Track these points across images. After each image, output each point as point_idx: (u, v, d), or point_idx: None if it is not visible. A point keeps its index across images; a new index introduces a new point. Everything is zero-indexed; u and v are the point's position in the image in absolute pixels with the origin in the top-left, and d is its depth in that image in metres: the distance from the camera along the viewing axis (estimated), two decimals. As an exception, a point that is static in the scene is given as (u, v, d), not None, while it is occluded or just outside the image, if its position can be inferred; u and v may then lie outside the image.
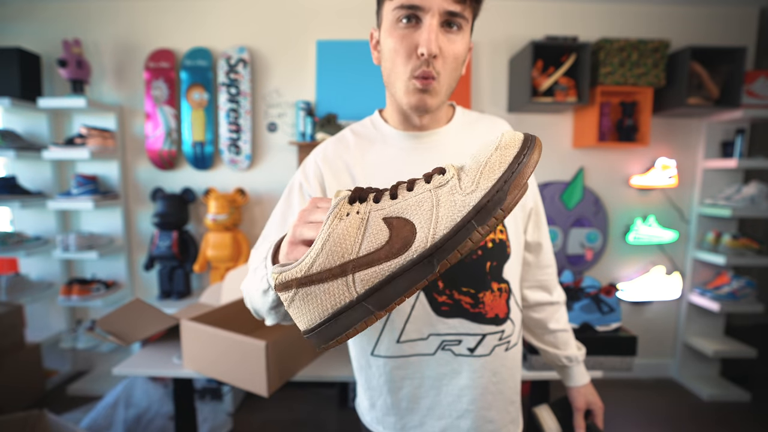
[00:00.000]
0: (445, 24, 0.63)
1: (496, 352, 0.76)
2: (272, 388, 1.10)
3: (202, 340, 1.17)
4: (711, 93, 2.31)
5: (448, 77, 0.66)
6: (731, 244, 2.38)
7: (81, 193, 2.31)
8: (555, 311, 0.91)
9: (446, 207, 0.41)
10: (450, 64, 0.64)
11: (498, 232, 0.74)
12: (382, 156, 0.75)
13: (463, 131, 0.77)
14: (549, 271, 0.89)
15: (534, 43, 2.22)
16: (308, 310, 0.44)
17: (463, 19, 0.63)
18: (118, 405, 2.01)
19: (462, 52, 0.66)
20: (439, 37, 0.62)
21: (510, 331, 0.78)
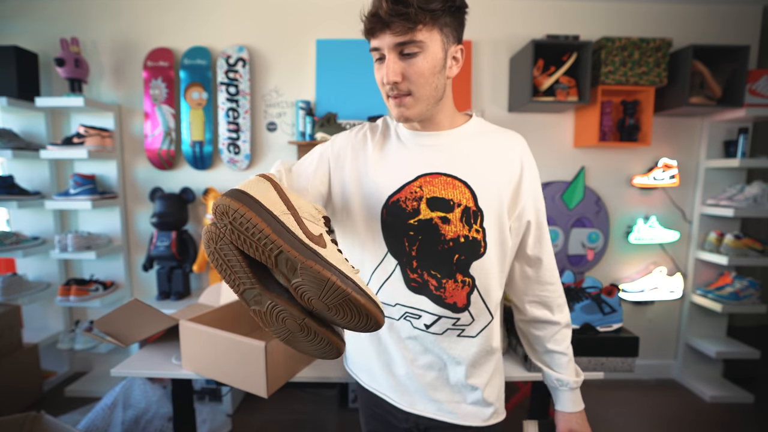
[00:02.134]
0: (401, 54, 0.73)
1: (448, 335, 0.85)
2: (272, 389, 1.09)
3: (201, 340, 1.15)
4: (713, 92, 2.29)
5: (421, 90, 0.76)
6: (734, 245, 2.36)
7: (79, 193, 2.29)
8: (555, 332, 0.92)
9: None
10: (417, 81, 0.75)
11: (474, 231, 0.81)
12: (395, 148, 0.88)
13: (468, 139, 0.85)
14: (550, 288, 0.90)
15: (535, 42, 2.21)
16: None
17: (416, 44, 0.72)
18: (117, 406, 1.99)
19: (426, 68, 0.74)
20: (398, 65, 0.74)
21: (466, 321, 0.85)
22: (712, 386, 2.53)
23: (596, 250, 2.63)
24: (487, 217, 0.81)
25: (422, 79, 0.75)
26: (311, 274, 0.57)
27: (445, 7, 0.71)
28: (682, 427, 2.24)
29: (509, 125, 2.56)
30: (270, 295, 0.62)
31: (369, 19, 0.73)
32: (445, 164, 0.82)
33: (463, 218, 0.80)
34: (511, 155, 0.84)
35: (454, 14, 0.74)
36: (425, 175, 0.82)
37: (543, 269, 0.89)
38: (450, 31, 0.75)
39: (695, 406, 2.42)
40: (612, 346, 1.32)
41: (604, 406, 2.40)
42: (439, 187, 0.81)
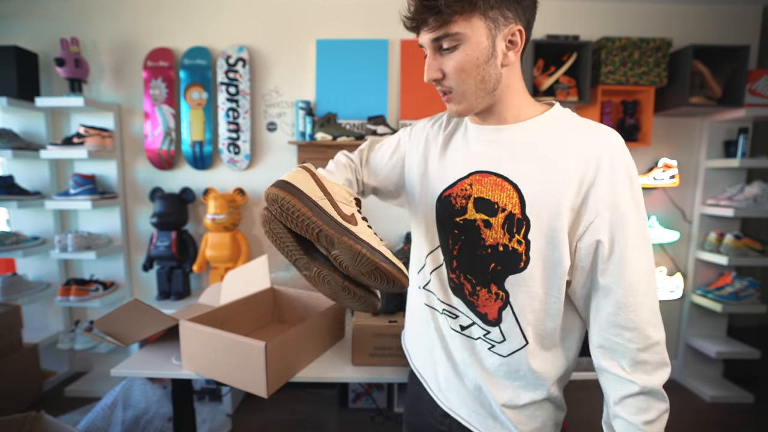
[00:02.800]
0: (438, 49, 0.69)
1: (478, 343, 0.80)
2: (272, 389, 1.09)
3: (201, 340, 1.15)
4: (713, 92, 2.29)
5: (462, 86, 0.70)
6: (734, 245, 2.36)
7: (79, 193, 2.29)
8: (626, 393, 0.72)
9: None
10: (456, 77, 0.69)
11: (515, 241, 0.72)
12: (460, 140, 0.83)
13: (532, 134, 0.73)
14: (625, 334, 0.68)
15: (535, 42, 2.21)
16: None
17: (452, 37, 0.66)
18: (117, 406, 1.99)
19: (466, 62, 0.68)
20: (437, 61, 0.70)
21: (497, 338, 0.77)
22: (712, 386, 2.53)
23: (596, 250, 2.62)
24: (534, 228, 0.70)
25: (462, 74, 0.69)
26: (346, 247, 0.68)
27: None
28: (682, 427, 2.24)
29: (509, 125, 2.56)
30: (315, 264, 0.75)
31: (406, 19, 0.69)
32: (498, 162, 0.74)
33: (505, 225, 0.72)
34: (586, 156, 0.68)
35: (479, 6, 0.64)
36: (477, 172, 0.76)
37: (616, 304, 0.68)
38: (499, 13, 0.66)
39: (695, 406, 2.42)
40: (612, 346, 1.31)
41: (604, 407, 2.39)
42: (487, 187, 0.74)
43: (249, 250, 2.50)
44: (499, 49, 0.68)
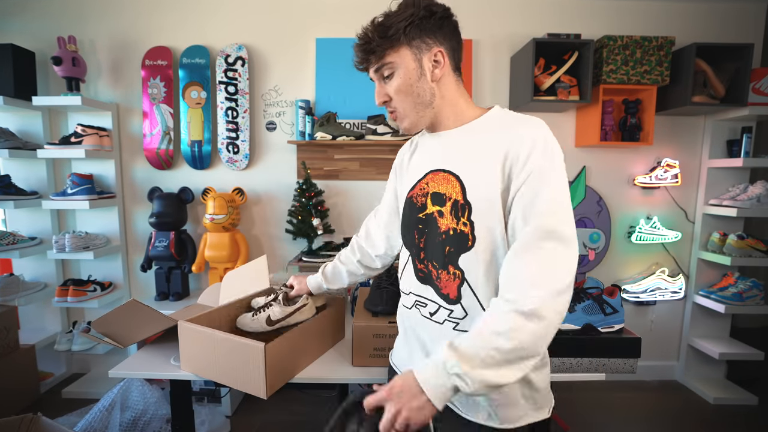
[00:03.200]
0: (381, 78, 0.88)
1: (446, 325, 0.87)
2: (271, 391, 1.08)
3: (201, 341, 1.14)
4: (716, 91, 2.27)
5: (404, 104, 0.87)
6: (737, 245, 2.34)
7: (76, 193, 2.27)
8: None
9: None
10: (397, 97, 0.87)
11: (461, 224, 0.82)
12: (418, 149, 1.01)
13: (468, 133, 0.88)
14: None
15: (536, 41, 2.19)
16: None
17: (388, 66, 0.84)
18: (114, 408, 1.97)
19: (402, 84, 0.85)
20: (382, 88, 0.88)
21: (459, 315, 0.85)
22: (715, 388, 2.51)
23: (598, 250, 2.61)
24: (476, 210, 0.81)
25: (401, 95, 0.86)
26: None
27: (402, 28, 0.81)
28: (685, 429, 2.22)
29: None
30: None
31: (356, 64, 0.89)
32: (444, 160, 0.88)
33: (452, 211, 0.84)
34: (511, 139, 0.78)
35: (420, 26, 0.82)
36: (431, 172, 0.90)
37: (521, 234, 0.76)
38: (420, 42, 0.83)
39: (698, 408, 2.40)
40: (614, 347, 1.30)
41: (605, 408, 2.38)
42: (438, 182, 0.87)
43: (248, 250, 2.49)
44: (426, 68, 0.84)
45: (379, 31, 0.82)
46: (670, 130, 2.53)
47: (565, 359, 1.27)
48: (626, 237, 2.61)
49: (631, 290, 2.60)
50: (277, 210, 2.59)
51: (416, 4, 0.82)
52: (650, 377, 2.70)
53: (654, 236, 2.55)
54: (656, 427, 2.24)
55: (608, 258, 2.63)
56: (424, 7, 0.82)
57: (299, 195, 2.40)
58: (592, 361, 1.29)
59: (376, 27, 0.83)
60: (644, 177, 2.52)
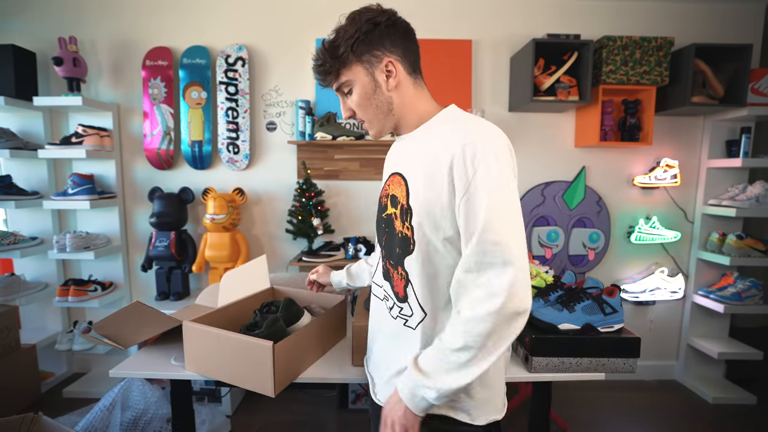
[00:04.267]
0: (343, 95, 0.92)
1: (398, 321, 0.92)
2: (279, 389, 1.09)
3: (206, 341, 1.14)
4: (715, 91, 2.28)
5: (366, 115, 0.91)
6: (736, 245, 2.35)
7: (77, 193, 2.28)
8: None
9: None
10: (359, 109, 0.90)
11: (406, 227, 0.86)
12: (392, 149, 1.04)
13: (421, 135, 0.90)
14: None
15: (535, 41, 2.19)
16: None
17: (345, 83, 0.88)
18: (115, 407, 1.98)
19: (360, 97, 0.88)
20: (345, 103, 0.93)
21: (407, 313, 0.89)
22: (715, 387, 2.52)
23: (597, 250, 2.62)
24: (415, 215, 0.83)
25: (361, 107, 0.89)
26: None
27: (350, 46, 0.83)
28: (684, 428, 2.23)
29: (510, 125, 2.57)
30: None
31: (318, 83, 0.93)
32: (399, 164, 0.93)
33: (401, 215, 0.87)
34: (455, 144, 0.77)
35: (365, 41, 0.83)
36: (392, 174, 0.93)
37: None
38: (370, 56, 0.85)
39: (697, 408, 2.41)
40: (613, 346, 1.30)
41: (605, 408, 2.39)
42: (394, 185, 0.91)
43: (248, 250, 2.49)
44: (380, 80, 0.87)
45: (330, 53, 0.85)
46: (669, 130, 2.53)
47: (564, 359, 1.27)
48: (626, 237, 2.62)
49: (630, 290, 2.60)
50: (277, 210, 2.59)
51: (359, 20, 0.84)
52: (649, 377, 2.70)
53: (653, 236, 2.55)
54: (655, 426, 2.24)
55: (608, 258, 2.64)
56: (367, 21, 0.83)
57: (299, 195, 2.40)
58: (591, 361, 1.29)
59: (327, 49, 0.86)
60: (644, 177, 2.52)
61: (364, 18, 0.83)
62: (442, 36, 2.45)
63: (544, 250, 2.61)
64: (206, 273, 2.58)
